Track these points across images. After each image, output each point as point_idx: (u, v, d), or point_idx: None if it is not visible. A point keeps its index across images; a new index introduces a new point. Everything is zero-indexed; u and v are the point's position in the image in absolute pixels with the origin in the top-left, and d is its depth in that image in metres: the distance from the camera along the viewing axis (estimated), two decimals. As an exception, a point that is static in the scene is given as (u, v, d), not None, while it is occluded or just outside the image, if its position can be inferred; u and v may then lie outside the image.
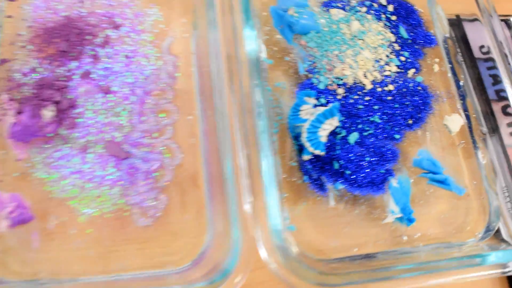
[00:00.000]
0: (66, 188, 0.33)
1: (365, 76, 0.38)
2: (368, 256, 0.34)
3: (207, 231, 0.34)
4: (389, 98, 0.37)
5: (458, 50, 0.41)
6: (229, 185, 0.31)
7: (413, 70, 0.39)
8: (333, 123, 0.34)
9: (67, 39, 0.37)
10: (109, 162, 0.34)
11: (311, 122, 0.33)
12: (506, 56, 0.38)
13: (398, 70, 0.39)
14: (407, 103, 0.38)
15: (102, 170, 0.34)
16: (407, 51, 0.39)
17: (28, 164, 0.34)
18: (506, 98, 0.38)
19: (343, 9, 0.40)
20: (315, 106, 0.35)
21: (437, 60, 0.41)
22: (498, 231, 0.36)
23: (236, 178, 0.31)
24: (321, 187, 0.35)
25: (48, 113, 0.34)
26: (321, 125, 0.34)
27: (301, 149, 0.35)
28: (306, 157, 0.34)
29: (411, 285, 0.31)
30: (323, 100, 0.36)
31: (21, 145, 0.35)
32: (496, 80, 0.39)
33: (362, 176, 0.35)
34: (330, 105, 0.34)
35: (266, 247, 0.29)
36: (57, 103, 0.35)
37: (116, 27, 0.38)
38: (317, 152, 0.34)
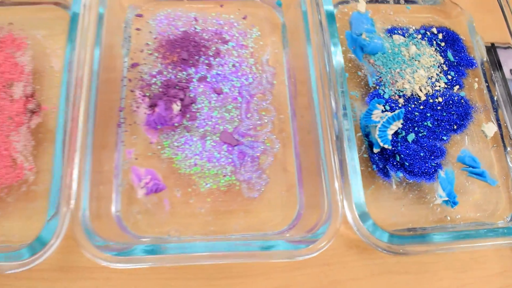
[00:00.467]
0: (190, 166, 0.43)
1: (420, 89, 0.47)
2: (420, 229, 0.44)
3: (297, 204, 0.43)
4: (439, 108, 0.47)
5: (493, 72, 0.51)
6: (322, 170, 0.40)
7: (457, 87, 0.49)
8: (398, 125, 0.44)
9: (187, 50, 0.47)
10: (223, 148, 0.44)
11: (383, 123, 0.43)
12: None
13: (446, 86, 0.48)
14: (452, 112, 0.47)
15: (218, 154, 0.43)
16: (453, 71, 0.49)
17: (159, 147, 0.44)
18: (530, 112, 0.48)
19: (403, 35, 0.50)
20: (383, 111, 0.45)
21: (476, 79, 0.51)
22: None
23: (328, 164, 0.40)
24: (385, 174, 0.44)
25: (176, 107, 0.44)
26: (389, 125, 0.44)
27: (370, 144, 0.45)
28: (376, 150, 0.44)
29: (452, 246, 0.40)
30: (387, 107, 0.46)
31: (153, 131, 0.44)
32: (523, 97, 0.49)
33: (417, 167, 0.44)
34: (398, 110, 0.44)
35: (352, 214, 0.39)
36: (181, 99, 0.45)
37: (225, 42, 0.48)
38: (386, 146, 0.43)
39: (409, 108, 0.46)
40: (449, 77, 0.49)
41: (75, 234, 0.35)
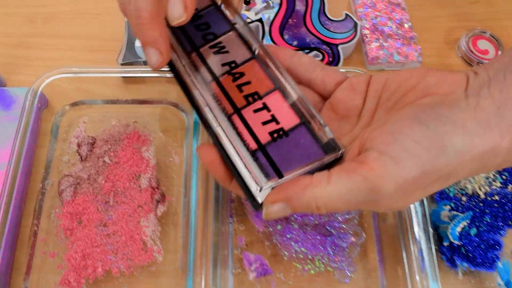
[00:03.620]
0: (291, 253, 0.51)
1: (479, 188, 0.56)
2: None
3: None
4: (495, 205, 0.56)
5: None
6: (402, 258, 0.49)
7: (510, 186, 0.58)
8: (465, 223, 0.52)
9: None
10: (317, 237, 0.52)
11: (455, 223, 0.51)
12: None
13: (501, 185, 0.57)
14: (507, 209, 0.56)
15: (314, 242, 0.52)
16: (507, 171, 0.58)
17: (264, 235, 0.52)
18: None
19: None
20: (450, 210, 0.54)
21: (525, 179, 0.59)
22: None
23: (408, 255, 0.49)
24: (453, 264, 0.53)
25: (280, 202, 0.52)
26: (459, 224, 0.52)
27: (440, 237, 0.53)
28: (445, 243, 0.53)
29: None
30: (452, 204, 0.54)
31: (259, 221, 0.53)
32: None
33: (479, 258, 0.53)
34: (466, 213, 0.52)
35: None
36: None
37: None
38: (455, 242, 0.52)
39: (471, 205, 0.55)
40: (504, 177, 0.58)
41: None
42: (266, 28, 0.63)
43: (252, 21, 0.64)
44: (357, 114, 0.40)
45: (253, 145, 0.38)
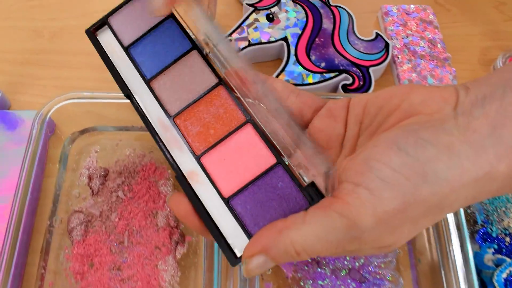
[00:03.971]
0: (323, 301, 0.47)
1: (524, 228, 0.52)
2: None
3: None
4: (541, 246, 0.51)
5: None
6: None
7: (556, 225, 0.53)
8: (511, 270, 0.48)
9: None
10: (352, 284, 0.48)
11: (501, 269, 0.47)
12: None
13: (546, 224, 0.53)
14: (553, 251, 0.52)
15: (347, 289, 0.47)
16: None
17: (294, 281, 0.48)
18: None
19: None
20: (493, 253, 0.49)
21: None
22: None
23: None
24: (496, 310, 0.49)
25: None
26: (505, 271, 0.48)
27: (483, 283, 0.49)
28: (489, 290, 0.48)
29: None
30: (495, 246, 0.50)
31: (288, 266, 0.48)
32: None
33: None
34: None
35: None
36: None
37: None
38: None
39: (515, 247, 0.51)
40: (548, 215, 0.53)
41: None
42: (292, 49, 0.59)
43: (276, 40, 0.59)
44: (340, 144, 0.35)
45: (226, 192, 0.34)
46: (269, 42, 0.59)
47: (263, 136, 0.35)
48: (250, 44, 0.58)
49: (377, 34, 0.61)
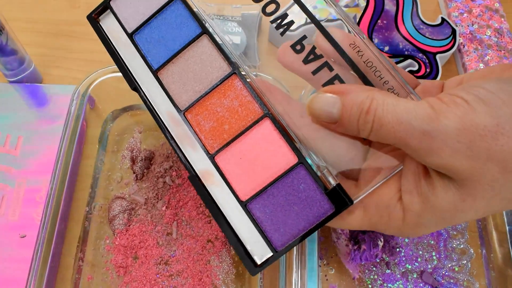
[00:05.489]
0: (393, 307, 0.42)
1: None
2: None
3: None
4: None
5: None
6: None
7: None
8: None
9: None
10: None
11: None
12: None
13: None
14: None
15: (419, 295, 0.43)
16: None
17: (361, 283, 0.43)
18: None
19: None
20: None
21: None
22: None
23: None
24: None
25: (380, 243, 0.43)
26: None
27: None
28: None
29: None
30: None
31: (354, 266, 0.43)
32: None
33: None
34: None
35: None
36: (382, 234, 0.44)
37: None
38: None
39: None
40: None
41: None
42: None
43: (336, 19, 0.54)
44: None
45: (243, 195, 0.31)
46: (328, 20, 0.53)
47: (282, 132, 0.32)
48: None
49: (443, 19, 0.56)
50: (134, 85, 0.34)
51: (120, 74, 0.46)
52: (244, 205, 0.31)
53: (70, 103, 0.44)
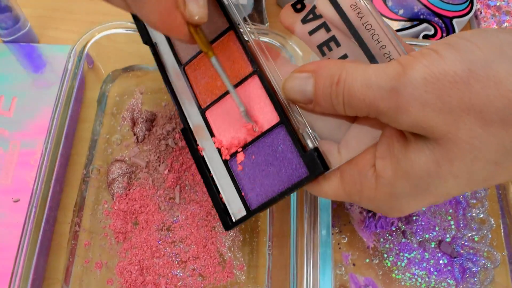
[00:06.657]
0: (410, 277, 0.39)
1: None
2: None
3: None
4: None
5: None
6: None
7: None
8: None
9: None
10: (442, 259, 0.40)
11: None
12: None
13: None
14: None
15: (438, 265, 0.40)
16: None
17: (376, 252, 0.40)
18: None
19: None
20: None
21: None
22: None
23: None
24: None
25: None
26: None
27: None
28: None
29: None
30: None
31: (369, 234, 0.41)
32: None
33: None
34: None
35: None
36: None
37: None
38: None
39: None
40: None
41: None
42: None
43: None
44: None
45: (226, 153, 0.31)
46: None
47: (269, 91, 0.30)
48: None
49: (459, -17, 0.53)
50: (146, 38, 0.35)
51: (121, 31, 0.43)
52: (226, 162, 0.31)
53: (67, 61, 0.42)
